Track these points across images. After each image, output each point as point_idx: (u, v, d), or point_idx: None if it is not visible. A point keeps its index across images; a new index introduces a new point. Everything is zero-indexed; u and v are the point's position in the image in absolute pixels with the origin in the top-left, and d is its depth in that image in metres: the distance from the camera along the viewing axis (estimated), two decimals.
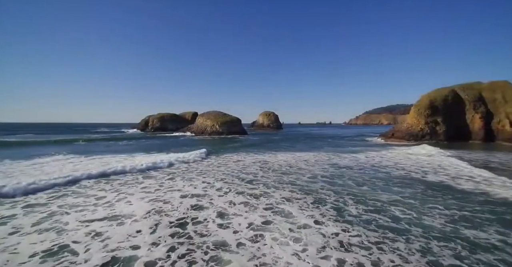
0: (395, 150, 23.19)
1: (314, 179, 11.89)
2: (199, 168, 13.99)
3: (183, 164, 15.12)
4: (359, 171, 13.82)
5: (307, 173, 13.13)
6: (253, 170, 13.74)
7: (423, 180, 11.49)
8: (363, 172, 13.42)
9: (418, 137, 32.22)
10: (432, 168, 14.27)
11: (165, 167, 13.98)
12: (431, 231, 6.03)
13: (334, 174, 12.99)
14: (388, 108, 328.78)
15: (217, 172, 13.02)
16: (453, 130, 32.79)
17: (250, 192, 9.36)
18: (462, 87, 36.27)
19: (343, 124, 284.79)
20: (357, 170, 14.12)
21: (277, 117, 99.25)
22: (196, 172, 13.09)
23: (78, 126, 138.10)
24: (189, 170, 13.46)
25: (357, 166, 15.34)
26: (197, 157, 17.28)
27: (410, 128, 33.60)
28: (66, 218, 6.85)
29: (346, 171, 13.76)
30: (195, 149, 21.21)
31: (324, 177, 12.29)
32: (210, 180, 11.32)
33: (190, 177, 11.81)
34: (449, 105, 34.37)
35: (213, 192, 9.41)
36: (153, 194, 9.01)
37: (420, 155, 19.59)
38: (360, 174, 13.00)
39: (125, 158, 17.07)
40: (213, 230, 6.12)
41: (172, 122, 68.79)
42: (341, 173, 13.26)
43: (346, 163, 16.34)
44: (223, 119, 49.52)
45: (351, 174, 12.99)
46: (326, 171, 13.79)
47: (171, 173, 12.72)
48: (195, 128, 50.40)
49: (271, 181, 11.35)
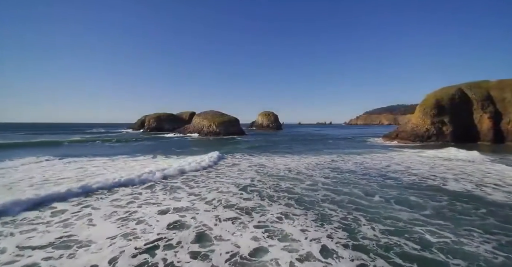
0: (403, 153, 21.70)
1: (314, 186, 10.46)
2: (184, 175, 12.47)
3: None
4: (365, 177, 12.34)
5: (306, 179, 11.68)
6: (249, 175, 12.24)
7: (445, 190, 9.99)
8: (370, 179, 11.94)
9: (424, 138, 30.75)
10: (453, 174, 12.75)
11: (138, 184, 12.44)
12: (479, 263, 4.53)
13: (337, 180, 11.54)
14: (389, 108, 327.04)
15: (206, 179, 11.50)
16: (460, 130, 31.31)
17: (242, 205, 7.87)
18: (469, 86, 34.79)
19: (343, 124, 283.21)
20: (363, 175, 12.65)
21: (277, 117, 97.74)
22: (181, 179, 11.57)
23: (75, 126, 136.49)
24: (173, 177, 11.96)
25: (362, 170, 13.86)
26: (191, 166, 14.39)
27: (416, 128, 32.12)
28: (4, 242, 5.36)
29: (350, 177, 12.28)
30: (185, 151, 19.75)
31: (326, 184, 10.82)
32: (198, 189, 9.82)
33: (174, 186, 10.28)
34: (456, 105, 32.89)
35: (199, 204, 7.91)
36: (122, 210, 7.48)
37: (436, 159, 18.09)
38: (367, 181, 11.52)
39: (104, 162, 15.57)
40: (184, 261, 4.63)
41: (169, 122, 67.31)
42: (345, 179, 11.80)
43: (350, 167, 14.87)
44: (220, 119, 48.00)
45: (356, 181, 11.51)
46: (328, 176, 12.32)
47: (150, 180, 11.21)
48: (191, 128, 48.89)
49: (268, 188, 9.89)
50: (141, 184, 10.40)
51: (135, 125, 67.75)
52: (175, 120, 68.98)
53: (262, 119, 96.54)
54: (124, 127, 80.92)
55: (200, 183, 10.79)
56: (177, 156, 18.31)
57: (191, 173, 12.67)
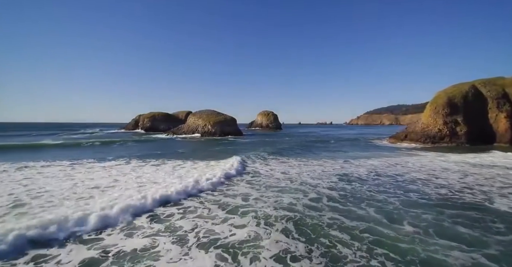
0: (418, 156, 19.11)
1: (318, 202, 8.01)
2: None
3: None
4: (381, 189, 9.84)
5: (310, 191, 9.25)
6: (241, 189, 9.67)
7: (495, 210, 7.41)
8: (387, 191, 9.43)
9: (436, 139, 28.13)
10: (496, 187, 10.12)
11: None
12: None
13: (347, 194, 9.09)
14: (389, 108, 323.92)
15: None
16: (475, 131, 28.70)
17: (228, 240, 5.31)
18: (483, 83, 32.17)
19: (344, 124, 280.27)
20: (377, 187, 10.15)
21: (276, 117, 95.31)
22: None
23: (67, 126, 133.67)
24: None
25: (375, 180, 11.33)
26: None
27: (426, 129, 29.50)
28: None
29: (362, 189, 9.75)
30: (169, 156, 17.21)
31: (333, 199, 8.41)
32: (169, 209, 7.25)
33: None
34: (469, 103, 30.28)
35: (165, 244, 5.27)
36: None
37: (462, 164, 15.50)
38: (384, 194, 9.02)
39: (61, 169, 13.04)
40: None
41: (164, 121, 64.80)
42: (356, 192, 9.32)
43: (360, 174, 12.32)
44: (216, 118, 45.43)
45: (370, 195, 9.01)
46: (335, 188, 9.85)
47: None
48: (185, 128, 46.34)
49: (265, 207, 7.33)
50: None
51: (129, 125, 65.20)
52: (170, 119, 66.43)
53: (262, 119, 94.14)
54: (117, 127, 77.98)
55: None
56: (155, 160, 15.84)
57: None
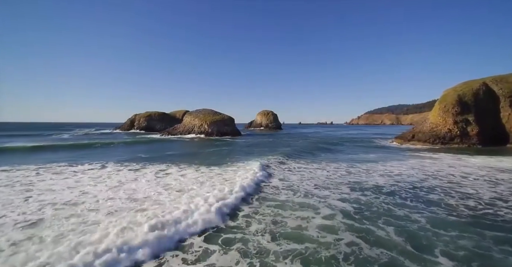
0: (432, 159, 17.31)
1: (331, 219, 6.35)
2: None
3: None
4: (399, 201, 8.20)
5: (320, 205, 7.48)
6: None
7: None
8: (407, 205, 7.80)
9: (445, 140, 26.34)
10: None
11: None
12: None
13: (362, 207, 7.49)
14: (390, 108, 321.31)
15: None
16: (488, 131, 26.90)
17: None
18: (494, 80, 30.35)
19: (344, 124, 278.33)
20: (395, 198, 8.52)
21: (276, 116, 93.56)
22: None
23: (62, 126, 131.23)
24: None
25: (391, 188, 9.62)
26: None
27: (435, 129, 27.70)
28: None
29: (378, 201, 8.05)
30: (154, 159, 15.43)
31: (347, 216, 6.86)
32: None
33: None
34: (481, 101, 28.48)
35: None
36: None
37: (486, 169, 13.71)
38: (405, 209, 7.39)
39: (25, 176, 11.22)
40: None
41: (161, 121, 63.08)
42: (371, 205, 7.66)
43: (373, 182, 10.56)
44: (213, 118, 43.61)
45: (389, 209, 7.39)
46: (347, 199, 8.18)
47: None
48: (181, 128, 44.55)
49: (263, 233, 5.58)
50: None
51: (124, 124, 63.37)
52: (167, 119, 64.67)
53: (261, 118, 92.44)
54: (111, 127, 75.90)
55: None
56: (136, 164, 14.06)
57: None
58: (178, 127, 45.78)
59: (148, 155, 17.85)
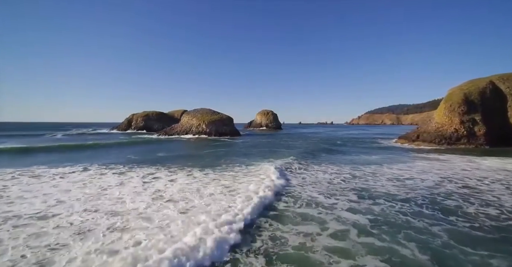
0: (441, 161, 16.32)
1: (345, 239, 5.43)
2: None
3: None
4: (414, 208, 7.35)
5: (327, 218, 6.50)
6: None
7: None
8: (423, 213, 6.94)
9: (451, 140, 25.32)
10: None
11: None
12: None
13: (377, 218, 6.60)
14: (391, 108, 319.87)
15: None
16: (495, 131, 25.90)
17: None
18: (501, 78, 29.37)
19: (344, 124, 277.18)
20: (409, 205, 7.67)
21: (276, 116, 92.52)
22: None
23: (59, 125, 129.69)
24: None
25: (404, 196, 8.63)
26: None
27: (441, 129, 26.69)
28: None
29: (391, 211, 7.11)
30: (144, 161, 14.40)
31: (364, 230, 5.87)
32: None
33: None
34: (487, 100, 27.49)
35: None
36: None
37: (503, 172, 12.72)
38: (422, 218, 6.55)
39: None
40: None
41: (159, 121, 62.03)
42: (385, 216, 6.81)
43: (382, 187, 9.55)
44: (211, 117, 42.57)
45: (406, 220, 6.56)
46: (358, 210, 7.24)
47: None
48: (179, 128, 43.50)
49: (257, 255, 4.59)
50: None
51: (121, 124, 62.28)
52: (165, 119, 63.60)
53: (261, 118, 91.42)
54: (108, 127, 74.39)
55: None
56: (123, 166, 13.06)
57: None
58: (175, 127, 44.75)
59: (137, 157, 16.82)
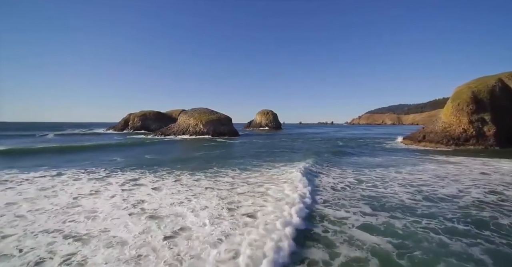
0: (454, 164, 15.06)
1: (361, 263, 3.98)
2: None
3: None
4: (442, 223, 6.11)
5: (337, 241, 5.18)
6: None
7: None
8: (456, 230, 5.72)
9: (460, 141, 24.05)
10: None
11: None
12: None
13: (406, 244, 5.13)
14: (391, 108, 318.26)
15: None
16: (504, 131, 24.63)
17: None
18: (511, 75, 28.06)
19: (345, 124, 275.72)
20: (436, 220, 6.40)
21: (276, 116, 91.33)
22: None
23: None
24: None
25: (423, 206, 7.37)
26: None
27: (448, 129, 25.42)
28: None
29: (418, 225, 5.86)
30: (128, 164, 13.13)
31: (385, 259, 4.61)
32: None
33: None
34: (497, 99, 26.19)
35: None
36: None
37: None
38: (456, 237, 5.35)
39: None
40: None
41: (156, 121, 60.89)
42: (414, 235, 5.48)
43: (397, 197, 8.29)
44: (209, 117, 41.33)
45: (439, 240, 5.33)
46: (374, 227, 5.89)
47: None
48: (176, 128, 42.30)
49: None
50: None
51: (118, 124, 61.12)
52: (163, 118, 62.45)
53: (260, 118, 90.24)
54: (107, 127, 73.00)
55: None
56: (104, 170, 11.80)
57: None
58: (172, 127, 43.53)
59: (123, 159, 15.59)
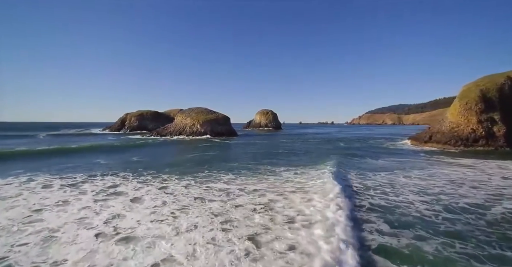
0: (466, 168, 13.89)
1: None
2: None
3: None
4: (491, 257, 4.63)
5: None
6: None
7: None
8: (493, 256, 4.33)
9: (469, 142, 22.86)
10: None
11: None
12: None
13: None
14: (392, 108, 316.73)
15: None
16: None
17: None
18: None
19: (345, 124, 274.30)
20: (469, 239, 5.12)
21: (276, 116, 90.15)
22: None
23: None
24: None
25: (444, 218, 6.18)
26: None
27: (456, 129, 24.24)
28: None
29: (455, 256, 4.54)
30: (111, 167, 11.96)
31: None
32: None
33: None
34: (506, 97, 25.05)
35: None
36: None
37: None
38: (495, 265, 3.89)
39: None
40: None
41: (154, 120, 59.74)
42: (437, 260, 4.12)
43: (413, 207, 7.11)
44: (206, 117, 40.15)
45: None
46: (400, 254, 4.53)
47: None
48: (172, 128, 41.13)
49: None
50: None
51: (115, 124, 59.95)
52: (161, 118, 61.27)
53: (260, 118, 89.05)
54: (101, 127, 71.48)
55: None
56: (82, 175, 10.55)
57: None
58: (168, 127, 42.35)
59: (107, 161, 14.39)
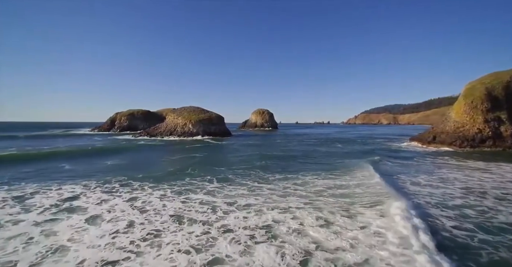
0: (479, 171, 12.49)
1: None
2: None
3: None
4: None
5: None
6: None
7: None
8: None
9: (475, 142, 21.61)
10: None
11: None
12: None
13: None
14: (387, 107, 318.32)
15: None
16: None
17: None
18: None
19: (341, 124, 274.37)
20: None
21: (272, 115, 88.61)
22: None
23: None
24: None
25: (484, 243, 4.57)
26: None
27: (461, 128, 22.99)
28: None
29: None
30: (77, 174, 10.17)
31: None
32: None
33: None
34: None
35: None
36: None
37: None
38: None
39: None
40: None
41: (145, 120, 57.59)
42: None
43: (438, 223, 5.51)
44: (199, 116, 38.34)
45: None
46: None
47: None
48: (163, 128, 39.19)
49: None
50: None
51: (104, 124, 57.58)
52: (152, 118, 59.10)
53: (256, 117, 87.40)
54: (88, 127, 68.62)
55: None
56: (31, 185, 8.76)
57: None
58: (159, 127, 40.40)
59: (74, 166, 12.53)
